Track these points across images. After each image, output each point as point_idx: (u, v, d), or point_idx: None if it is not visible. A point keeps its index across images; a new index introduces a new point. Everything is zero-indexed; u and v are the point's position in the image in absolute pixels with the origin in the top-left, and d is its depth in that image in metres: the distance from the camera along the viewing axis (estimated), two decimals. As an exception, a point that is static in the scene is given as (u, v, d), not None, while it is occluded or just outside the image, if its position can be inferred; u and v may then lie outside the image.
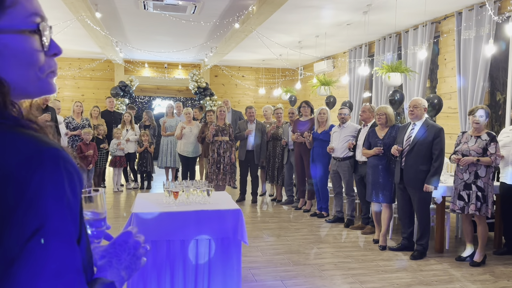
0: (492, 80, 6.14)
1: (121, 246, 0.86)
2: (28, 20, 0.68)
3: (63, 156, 0.65)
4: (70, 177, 0.65)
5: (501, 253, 4.44)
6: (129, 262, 0.86)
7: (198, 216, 3.10)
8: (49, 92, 0.74)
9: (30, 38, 0.68)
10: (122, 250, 0.85)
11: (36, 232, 0.60)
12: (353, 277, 3.78)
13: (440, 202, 4.48)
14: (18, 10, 0.67)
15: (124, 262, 0.85)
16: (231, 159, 6.44)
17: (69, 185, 0.64)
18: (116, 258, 0.84)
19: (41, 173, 0.61)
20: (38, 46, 0.69)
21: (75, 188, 0.66)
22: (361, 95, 9.00)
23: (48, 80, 0.73)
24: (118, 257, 0.84)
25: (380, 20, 6.96)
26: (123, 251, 0.85)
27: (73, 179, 0.65)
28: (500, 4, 5.57)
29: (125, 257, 0.85)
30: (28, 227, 0.59)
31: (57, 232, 0.61)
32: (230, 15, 7.06)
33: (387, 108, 4.86)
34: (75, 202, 0.66)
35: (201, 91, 11.96)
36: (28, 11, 0.68)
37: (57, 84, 0.75)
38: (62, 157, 0.65)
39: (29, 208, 0.60)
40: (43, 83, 0.72)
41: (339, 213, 5.76)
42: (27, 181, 0.60)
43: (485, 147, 4.06)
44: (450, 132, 6.41)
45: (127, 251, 0.86)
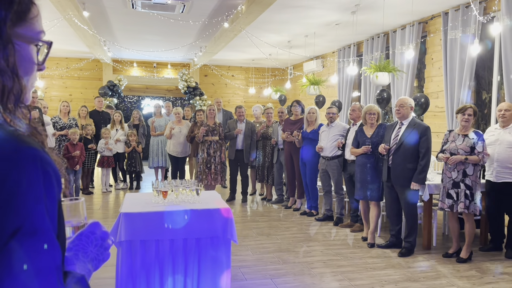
0: (478, 80, 6.23)
1: (88, 238, 0.87)
2: (39, 35, 0.76)
3: (42, 156, 0.67)
4: (48, 178, 0.66)
5: (487, 249, 4.52)
6: (96, 254, 0.87)
7: (187, 215, 3.10)
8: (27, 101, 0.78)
9: (34, 50, 0.76)
10: (89, 242, 0.87)
11: (15, 232, 0.61)
12: (342, 275, 3.81)
13: (427, 199, 4.54)
14: (35, 23, 0.75)
15: (91, 254, 0.86)
16: (221, 159, 6.45)
17: (46, 185, 0.65)
18: (82, 251, 0.85)
19: (17, 172, 0.63)
20: (37, 59, 0.76)
21: (53, 189, 0.67)
22: (350, 95, 9.07)
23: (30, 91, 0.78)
24: (85, 250, 0.86)
25: (368, 20, 7.02)
26: (90, 243, 0.87)
27: (50, 180, 0.67)
28: (486, 4, 5.66)
29: (92, 249, 0.87)
30: (7, 227, 0.60)
31: (37, 231, 0.63)
32: (219, 15, 7.06)
33: (377, 107, 4.91)
34: (52, 202, 0.67)
35: (191, 90, 11.93)
36: (40, 27, 0.76)
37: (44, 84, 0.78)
38: (40, 157, 0.66)
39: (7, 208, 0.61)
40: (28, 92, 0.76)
41: (328, 211, 5.80)
42: (3, 179, 0.61)
43: (473, 145, 4.12)
44: (437, 131, 6.50)
45: (94, 243, 0.87)
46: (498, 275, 3.86)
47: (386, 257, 4.33)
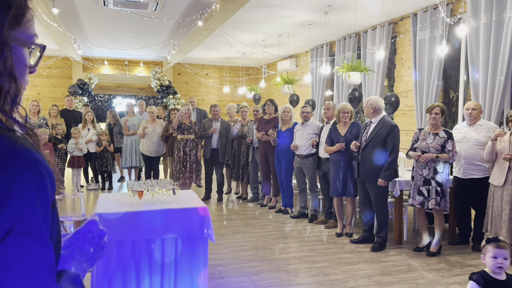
0: (446, 79, 6.46)
1: (85, 236, 0.87)
2: (33, 38, 0.77)
3: (35, 158, 0.67)
4: (41, 178, 0.67)
5: (455, 243, 4.70)
6: (92, 253, 0.88)
7: (164, 215, 3.09)
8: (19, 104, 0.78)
9: (28, 53, 0.77)
10: (86, 241, 0.87)
11: (8, 233, 0.61)
12: (317, 270, 3.89)
13: (398, 196, 4.67)
14: (29, 27, 0.76)
15: (87, 253, 0.87)
16: (196, 157, 6.43)
17: (39, 186, 0.66)
18: (78, 250, 0.86)
19: (11, 173, 0.63)
20: (29, 62, 0.77)
21: (46, 190, 0.68)
22: (323, 94, 9.21)
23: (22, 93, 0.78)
24: (81, 249, 0.86)
25: (340, 21, 7.15)
26: (87, 241, 0.87)
27: (44, 181, 0.67)
28: (452, 6, 5.87)
29: (88, 248, 0.87)
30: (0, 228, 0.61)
31: (29, 232, 0.63)
32: (193, 13, 7.02)
33: (350, 106, 5.03)
34: (46, 203, 0.68)
35: (164, 89, 11.81)
36: (33, 31, 0.78)
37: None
38: (34, 158, 0.67)
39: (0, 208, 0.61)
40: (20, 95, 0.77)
41: (303, 208, 5.89)
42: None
43: (443, 144, 4.27)
44: (407, 129, 6.69)
45: (90, 241, 0.88)
46: (466, 267, 4.02)
47: (359, 252, 4.44)
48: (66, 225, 0.92)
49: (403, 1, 6.14)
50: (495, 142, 4.17)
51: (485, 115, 5.11)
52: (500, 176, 4.11)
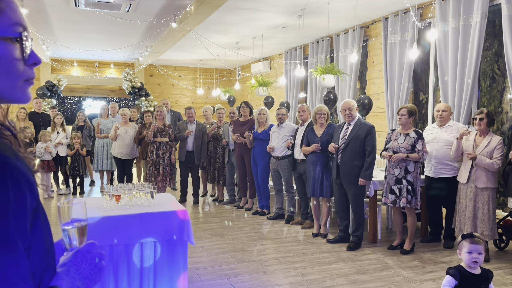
0: (416, 81, 6.66)
1: (84, 256, 0.86)
2: (12, 28, 0.71)
3: (10, 163, 0.65)
4: (17, 185, 0.65)
5: (427, 241, 4.85)
6: (89, 273, 0.85)
7: (142, 219, 3.04)
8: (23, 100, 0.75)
9: (12, 46, 0.71)
10: (84, 260, 0.85)
11: None
12: (296, 270, 3.92)
13: (372, 195, 4.78)
14: (3, 18, 0.69)
15: (83, 272, 0.84)
16: (170, 160, 6.37)
17: (15, 193, 0.64)
18: (75, 267, 0.83)
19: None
20: (18, 54, 0.72)
21: (22, 196, 0.66)
22: (297, 96, 9.30)
23: (23, 89, 0.74)
24: (77, 267, 0.84)
25: (313, 24, 7.25)
26: (85, 261, 0.85)
27: (20, 187, 0.65)
28: (422, 11, 6.06)
29: (85, 267, 0.85)
30: None
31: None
32: (167, 14, 6.95)
33: (326, 108, 5.11)
34: (22, 210, 0.65)
35: (136, 91, 11.62)
36: (12, 20, 0.71)
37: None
38: (8, 164, 0.65)
39: None
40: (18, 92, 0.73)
41: (279, 210, 5.93)
42: None
43: (413, 144, 4.41)
44: (379, 130, 6.85)
45: (89, 261, 0.86)
46: (438, 264, 4.16)
47: (336, 252, 4.51)
48: (69, 232, 0.90)
49: (375, 6, 6.29)
50: (461, 141, 4.33)
51: (454, 116, 5.31)
52: (465, 174, 4.28)
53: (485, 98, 5.74)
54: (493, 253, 4.44)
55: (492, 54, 5.61)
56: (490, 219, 4.16)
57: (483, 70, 5.64)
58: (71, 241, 0.91)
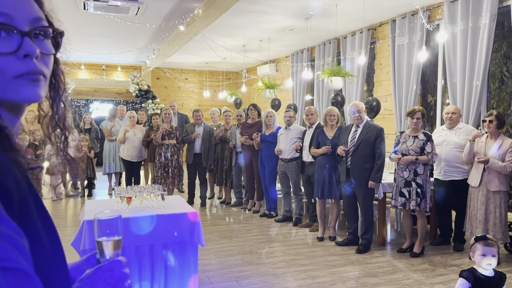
0: (424, 84, 6.64)
1: (104, 274, 0.78)
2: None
3: None
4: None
5: (437, 243, 4.81)
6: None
7: (153, 220, 3.06)
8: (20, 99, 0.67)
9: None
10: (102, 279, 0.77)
11: None
12: (305, 273, 3.91)
13: (381, 198, 4.76)
14: None
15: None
16: (178, 162, 6.38)
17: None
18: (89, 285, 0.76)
19: None
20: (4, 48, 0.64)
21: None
22: (304, 98, 9.30)
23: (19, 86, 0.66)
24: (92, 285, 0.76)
25: (320, 26, 7.25)
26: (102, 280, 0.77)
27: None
28: (430, 13, 6.05)
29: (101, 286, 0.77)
30: None
31: None
32: (175, 18, 6.99)
33: (337, 110, 5.11)
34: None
35: (143, 94, 11.67)
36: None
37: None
38: None
39: None
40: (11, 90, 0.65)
41: (287, 212, 5.92)
42: None
43: (423, 146, 4.39)
44: (387, 133, 6.81)
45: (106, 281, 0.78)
46: (448, 267, 4.13)
47: (345, 254, 4.50)
48: (102, 245, 0.88)
49: (383, 8, 6.28)
50: (473, 143, 4.31)
51: (463, 119, 5.28)
52: (476, 177, 4.25)
53: (494, 100, 5.71)
54: (504, 256, 4.40)
55: (501, 56, 5.58)
56: (502, 223, 4.13)
57: (492, 72, 5.61)
58: (103, 256, 0.86)
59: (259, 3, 6.07)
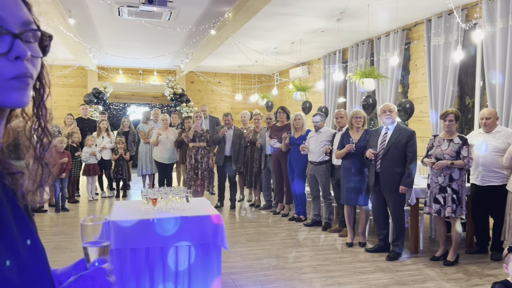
0: (461, 85, 6.37)
1: (85, 282, 0.75)
2: None
3: None
4: None
5: (473, 252, 4.59)
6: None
7: (178, 222, 3.09)
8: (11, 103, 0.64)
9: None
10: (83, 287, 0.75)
11: None
12: (332, 279, 3.83)
13: (414, 204, 4.60)
14: None
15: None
16: (208, 165, 6.44)
17: None
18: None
19: None
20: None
21: None
22: (336, 100, 9.16)
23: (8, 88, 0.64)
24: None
25: (353, 27, 7.12)
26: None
27: None
28: (467, 12, 5.80)
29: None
30: None
31: None
32: (205, 22, 7.08)
33: (363, 112, 4.99)
34: None
35: (177, 97, 11.90)
36: None
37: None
38: None
39: None
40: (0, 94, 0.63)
41: (316, 216, 5.83)
42: None
43: (458, 150, 4.19)
44: (422, 136, 6.60)
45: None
46: (484, 277, 3.92)
47: (375, 261, 4.37)
48: (89, 251, 0.87)
49: (417, 8, 6.09)
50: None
51: (503, 122, 5.02)
52: (519, 183, 4.01)
53: (538, 102, 5.39)
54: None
55: (545, 55, 5.26)
56: (543, 231, 3.88)
57: (536, 72, 5.30)
58: (89, 262, 0.84)
59: (289, 5, 6.04)
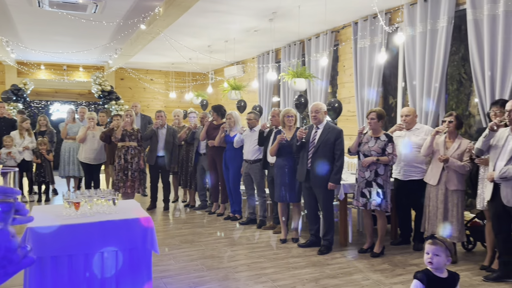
0: (385, 86, 6.73)
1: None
2: None
3: None
4: None
5: (397, 243, 4.87)
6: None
7: (103, 227, 2.91)
8: None
9: None
10: None
11: None
12: (266, 276, 3.85)
13: (342, 198, 4.77)
14: None
15: None
16: (139, 165, 6.18)
17: None
18: None
19: None
20: None
21: None
22: (270, 99, 9.28)
23: None
24: None
25: (285, 28, 7.24)
26: None
27: None
28: (391, 15, 6.13)
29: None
30: None
31: None
32: (135, 16, 6.80)
33: (294, 110, 5.08)
34: None
35: (106, 94, 11.35)
36: None
37: None
38: None
39: None
40: None
41: (251, 214, 5.85)
42: None
43: (384, 147, 4.42)
44: (350, 134, 6.88)
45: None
46: (408, 266, 4.17)
47: (307, 256, 4.47)
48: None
49: (344, 10, 6.32)
50: (434, 138, 4.35)
51: (423, 120, 5.37)
52: (435, 175, 4.31)
53: (453, 102, 5.85)
54: (461, 255, 4.49)
55: (459, 58, 5.72)
56: (459, 221, 4.20)
57: (451, 74, 5.74)
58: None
59: (222, 3, 5.98)
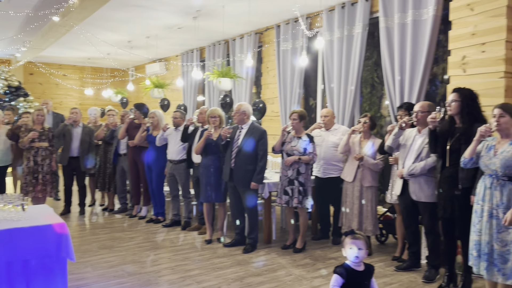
0: (306, 87, 6.99)
1: None
2: None
3: None
4: None
5: (318, 238, 5.09)
6: None
7: (11, 235, 2.65)
8: None
9: None
10: None
11: None
12: (191, 279, 3.79)
13: (267, 197, 4.86)
14: None
15: None
16: (51, 167, 5.71)
17: None
18: None
19: None
20: None
21: None
22: (196, 99, 9.17)
23: None
24: None
25: (209, 27, 7.20)
26: None
27: None
28: (311, 20, 6.38)
29: None
30: None
31: None
32: (46, 7, 6.30)
33: (220, 110, 5.06)
34: None
35: (13, 90, 10.37)
36: None
37: None
38: None
39: None
40: None
41: (176, 216, 5.72)
42: None
43: (305, 147, 4.58)
44: (274, 133, 7.03)
45: None
46: (328, 260, 4.37)
47: (232, 255, 4.48)
48: None
49: (267, 13, 6.45)
50: (350, 136, 4.60)
51: (339, 120, 5.66)
52: (351, 173, 4.57)
53: (366, 104, 6.25)
54: (375, 247, 4.81)
55: (372, 63, 6.12)
56: (373, 216, 4.49)
57: (365, 78, 6.12)
58: None
59: (143, -2, 5.78)
